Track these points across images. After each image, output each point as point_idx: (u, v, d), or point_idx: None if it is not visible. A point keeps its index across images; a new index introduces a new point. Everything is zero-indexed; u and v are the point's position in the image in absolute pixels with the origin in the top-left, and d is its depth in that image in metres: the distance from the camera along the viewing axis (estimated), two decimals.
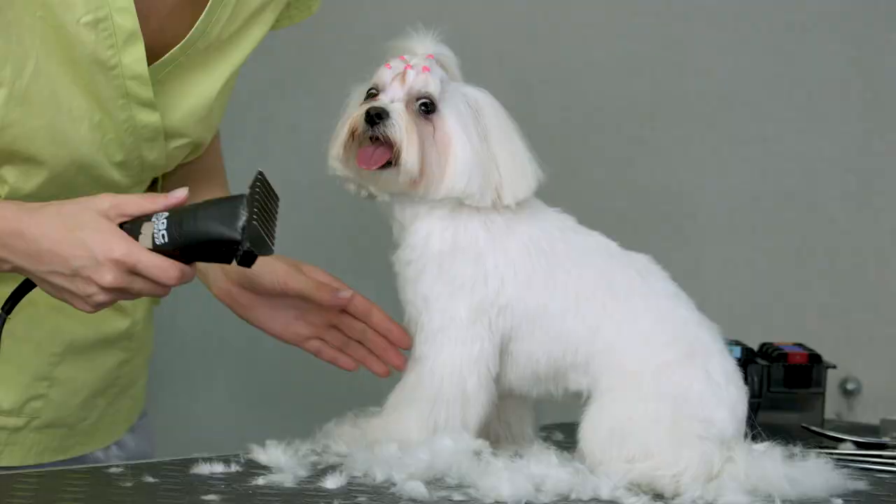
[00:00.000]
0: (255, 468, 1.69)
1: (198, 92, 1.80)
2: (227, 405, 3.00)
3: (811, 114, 2.87)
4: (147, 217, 1.61)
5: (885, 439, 1.95)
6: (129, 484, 1.61)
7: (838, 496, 1.67)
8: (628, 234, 1.82)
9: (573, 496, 1.63)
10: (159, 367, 2.04)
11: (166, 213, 1.61)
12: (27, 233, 1.60)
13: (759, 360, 2.07)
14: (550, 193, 1.81)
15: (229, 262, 1.61)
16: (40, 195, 1.71)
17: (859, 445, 1.91)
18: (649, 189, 2.89)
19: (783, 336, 2.19)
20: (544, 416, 1.90)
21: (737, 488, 1.66)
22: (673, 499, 1.64)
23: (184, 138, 1.82)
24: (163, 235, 1.60)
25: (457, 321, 1.74)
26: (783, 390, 2.05)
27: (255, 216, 1.58)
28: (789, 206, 2.89)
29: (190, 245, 1.60)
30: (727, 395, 1.72)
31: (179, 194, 1.63)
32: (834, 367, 2.10)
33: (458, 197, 1.74)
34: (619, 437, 1.69)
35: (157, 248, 1.60)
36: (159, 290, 1.61)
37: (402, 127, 1.70)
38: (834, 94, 2.87)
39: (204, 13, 1.75)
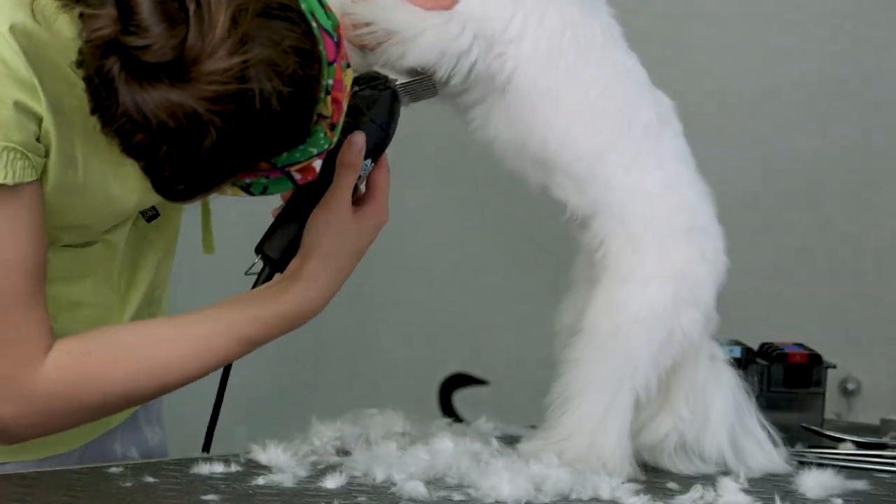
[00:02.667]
0: (254, 468, 1.69)
1: None
2: (227, 405, 2.99)
3: (811, 113, 2.87)
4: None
5: (885, 439, 1.95)
6: (128, 484, 1.61)
7: (838, 496, 1.68)
8: None
9: (573, 496, 1.63)
10: None
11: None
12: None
13: (759, 360, 2.07)
14: None
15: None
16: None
17: (859, 445, 1.91)
18: None
19: (783, 336, 2.19)
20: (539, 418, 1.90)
21: (736, 489, 1.66)
22: (673, 498, 1.65)
23: None
24: (366, 171, 1.71)
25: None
26: (783, 390, 2.05)
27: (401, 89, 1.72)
28: (789, 206, 2.89)
29: None
30: (716, 271, 1.78)
31: (361, 140, 1.69)
32: (834, 366, 2.09)
33: None
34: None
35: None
36: None
37: None
38: (834, 94, 2.87)
39: None
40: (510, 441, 1.83)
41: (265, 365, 2.96)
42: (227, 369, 1.77)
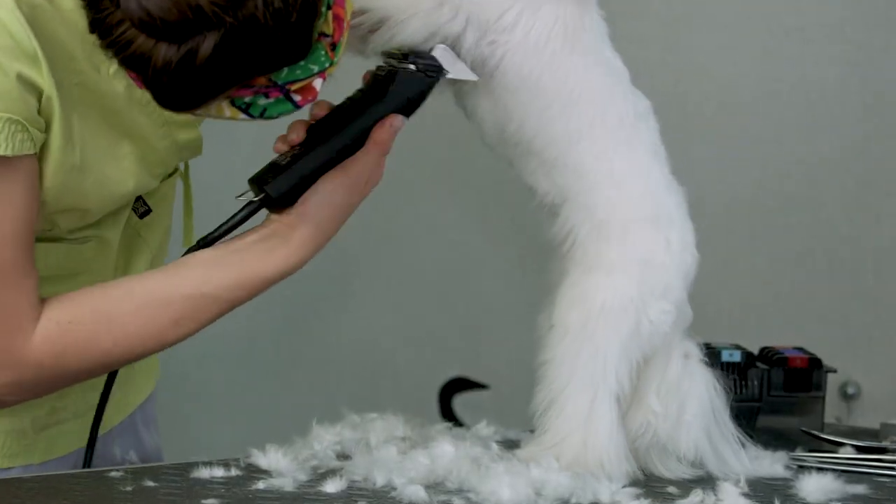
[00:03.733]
0: (255, 472, 1.69)
1: None
2: (227, 408, 3.00)
3: (810, 117, 2.88)
4: None
5: (885, 443, 1.95)
6: (129, 488, 1.61)
7: (838, 500, 1.68)
8: None
9: (573, 500, 1.63)
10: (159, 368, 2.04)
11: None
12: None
13: (759, 364, 2.07)
14: None
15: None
16: (85, 228, 1.74)
17: (859, 449, 1.91)
18: None
19: (783, 340, 2.19)
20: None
21: (736, 493, 1.66)
22: (673, 502, 1.65)
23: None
24: None
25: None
26: (783, 394, 2.05)
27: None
28: (789, 210, 2.89)
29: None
30: (683, 262, 1.77)
31: (399, 123, 1.70)
32: (834, 371, 2.09)
33: None
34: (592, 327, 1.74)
35: None
36: None
37: None
38: (833, 97, 2.87)
39: None
40: (510, 445, 1.83)
41: (265, 368, 2.96)
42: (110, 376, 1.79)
